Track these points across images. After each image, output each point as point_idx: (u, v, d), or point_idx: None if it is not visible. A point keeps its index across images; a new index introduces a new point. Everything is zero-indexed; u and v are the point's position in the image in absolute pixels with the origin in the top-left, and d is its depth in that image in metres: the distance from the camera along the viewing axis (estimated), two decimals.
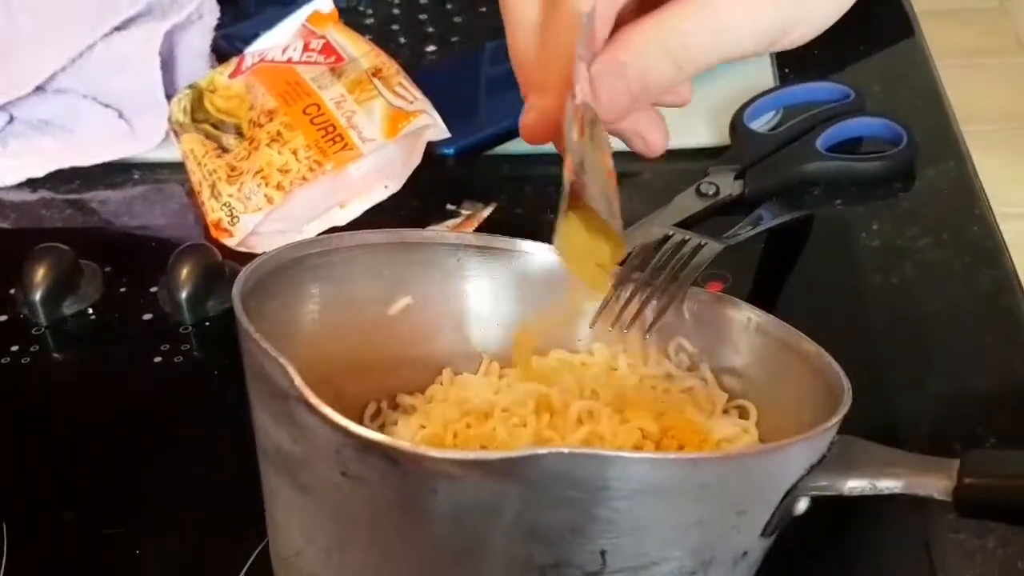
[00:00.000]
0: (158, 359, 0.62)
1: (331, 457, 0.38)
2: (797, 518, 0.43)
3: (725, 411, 0.49)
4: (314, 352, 0.46)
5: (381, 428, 0.49)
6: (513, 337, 0.51)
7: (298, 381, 0.38)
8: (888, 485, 0.42)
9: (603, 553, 0.39)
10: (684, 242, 0.52)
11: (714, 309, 0.50)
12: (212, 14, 0.79)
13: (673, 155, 0.72)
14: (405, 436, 0.47)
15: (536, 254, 0.51)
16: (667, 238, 0.52)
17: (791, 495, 0.42)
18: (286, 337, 0.44)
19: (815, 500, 0.42)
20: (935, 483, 0.41)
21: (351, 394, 0.49)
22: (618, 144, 0.73)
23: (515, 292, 0.51)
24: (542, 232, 0.49)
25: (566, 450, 0.38)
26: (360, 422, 0.48)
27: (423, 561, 0.40)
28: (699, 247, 0.51)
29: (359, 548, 0.41)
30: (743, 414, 0.49)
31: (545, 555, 0.39)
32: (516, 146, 0.73)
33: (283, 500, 0.43)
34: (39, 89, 0.77)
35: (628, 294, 0.50)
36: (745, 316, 0.49)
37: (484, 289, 0.51)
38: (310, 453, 0.39)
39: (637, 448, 0.46)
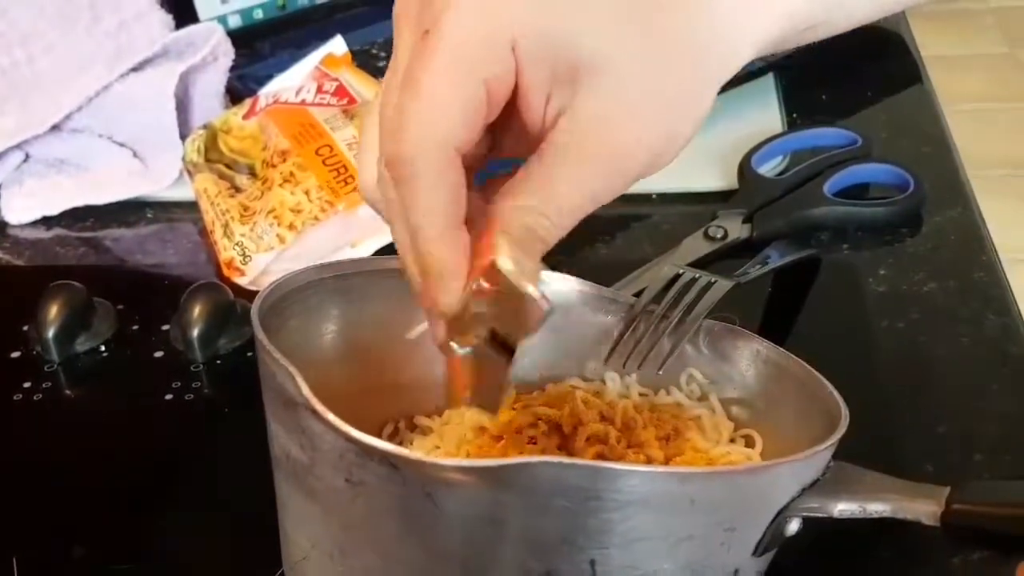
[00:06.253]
0: (169, 396, 0.62)
1: (335, 463, 0.40)
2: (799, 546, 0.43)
3: (732, 440, 0.50)
4: (333, 371, 0.48)
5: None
6: (528, 364, 0.52)
7: (305, 389, 0.39)
8: (878, 509, 0.43)
9: (592, 563, 0.40)
10: (694, 280, 0.52)
11: (725, 341, 0.51)
12: (227, 56, 0.80)
13: (682, 199, 0.73)
14: None
15: (552, 283, 0.52)
16: (677, 276, 0.53)
17: (782, 515, 0.42)
18: (306, 355, 0.46)
19: (808, 523, 0.43)
20: (924, 508, 0.42)
21: (370, 414, 0.50)
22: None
23: None
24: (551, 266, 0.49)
25: (555, 459, 0.39)
26: None
27: (420, 565, 0.41)
28: (709, 285, 0.52)
29: (361, 552, 0.42)
30: (749, 442, 0.49)
31: (537, 563, 0.40)
32: None
33: (292, 507, 0.44)
34: (55, 128, 0.78)
35: (642, 329, 0.51)
36: (754, 348, 0.50)
37: None
38: (316, 459, 0.41)
39: None
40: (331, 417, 0.39)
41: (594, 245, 0.71)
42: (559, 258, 0.53)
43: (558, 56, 0.41)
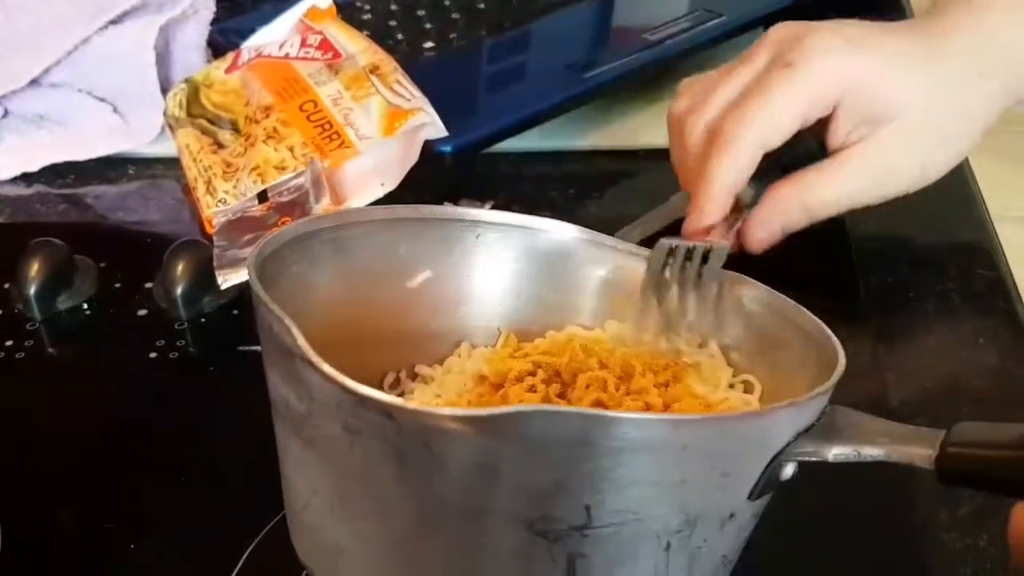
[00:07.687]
0: (153, 354, 0.61)
1: (332, 412, 0.40)
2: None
3: (731, 385, 0.50)
4: (333, 321, 0.48)
5: (399, 396, 0.50)
6: (528, 311, 0.53)
7: (301, 340, 0.39)
8: (872, 452, 0.42)
9: (588, 508, 0.40)
10: (692, 250, 0.52)
11: (725, 287, 0.51)
12: (208, 8, 0.79)
13: (668, 155, 0.72)
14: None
15: (552, 231, 0.53)
16: (673, 249, 0.52)
17: (777, 460, 0.42)
18: (304, 305, 0.46)
19: (803, 468, 0.43)
20: (918, 452, 0.42)
21: (372, 364, 0.50)
22: (594, 142, 0.73)
23: (532, 267, 0.53)
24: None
25: (548, 408, 0.39)
26: (379, 389, 0.49)
27: (416, 512, 0.41)
28: (709, 250, 0.52)
29: (360, 499, 0.42)
30: (748, 388, 0.49)
31: (532, 509, 0.40)
32: (513, 144, 0.73)
33: (292, 456, 0.44)
34: (34, 83, 0.77)
35: (660, 296, 0.52)
36: (753, 293, 0.50)
37: (502, 264, 0.53)
38: (314, 409, 0.41)
39: None
40: (326, 368, 0.39)
41: (582, 201, 0.71)
42: (550, 215, 0.53)
43: (869, 110, 0.57)
